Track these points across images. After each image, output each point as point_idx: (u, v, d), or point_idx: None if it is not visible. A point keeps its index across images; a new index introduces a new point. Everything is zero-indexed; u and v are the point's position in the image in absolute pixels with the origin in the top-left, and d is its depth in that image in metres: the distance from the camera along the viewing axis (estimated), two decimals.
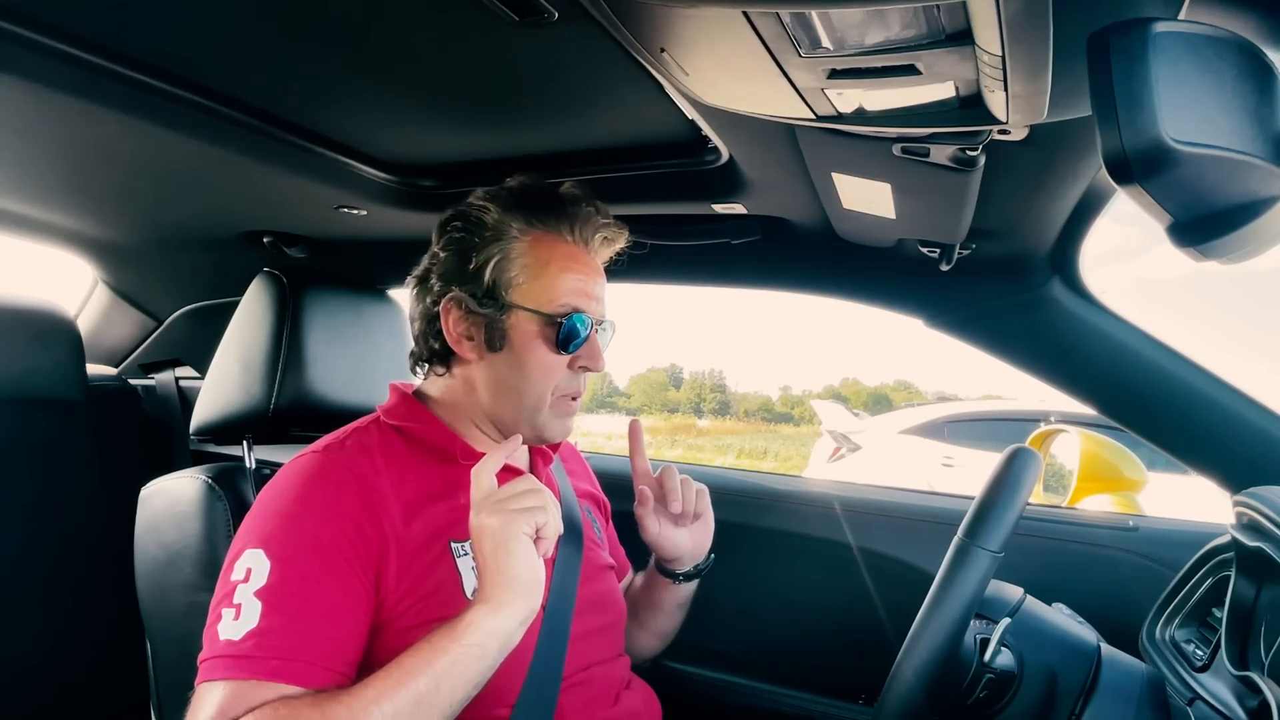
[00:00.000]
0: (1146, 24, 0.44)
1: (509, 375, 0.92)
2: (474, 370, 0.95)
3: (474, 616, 0.76)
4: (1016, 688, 0.88)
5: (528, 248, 0.92)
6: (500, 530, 0.78)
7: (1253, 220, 0.48)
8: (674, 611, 1.14)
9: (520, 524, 0.79)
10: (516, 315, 0.91)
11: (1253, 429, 1.13)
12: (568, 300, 0.91)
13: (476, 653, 0.75)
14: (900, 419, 6.27)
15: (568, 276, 0.91)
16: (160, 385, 1.71)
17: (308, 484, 0.84)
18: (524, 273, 0.91)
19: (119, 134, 1.00)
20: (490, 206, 0.93)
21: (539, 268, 0.91)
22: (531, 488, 0.82)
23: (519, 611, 0.78)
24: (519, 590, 0.77)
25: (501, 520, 0.79)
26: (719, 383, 69.43)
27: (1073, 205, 0.98)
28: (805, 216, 1.18)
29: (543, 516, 0.80)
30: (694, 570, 1.10)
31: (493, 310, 0.91)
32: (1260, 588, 0.86)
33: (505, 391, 0.93)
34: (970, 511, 0.86)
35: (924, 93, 0.65)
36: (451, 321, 0.93)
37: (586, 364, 0.94)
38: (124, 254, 1.68)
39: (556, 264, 0.92)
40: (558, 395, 0.94)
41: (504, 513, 0.79)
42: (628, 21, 0.62)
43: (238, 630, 0.76)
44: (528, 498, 0.81)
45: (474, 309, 0.91)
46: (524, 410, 0.93)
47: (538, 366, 0.91)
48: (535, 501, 0.81)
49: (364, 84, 0.90)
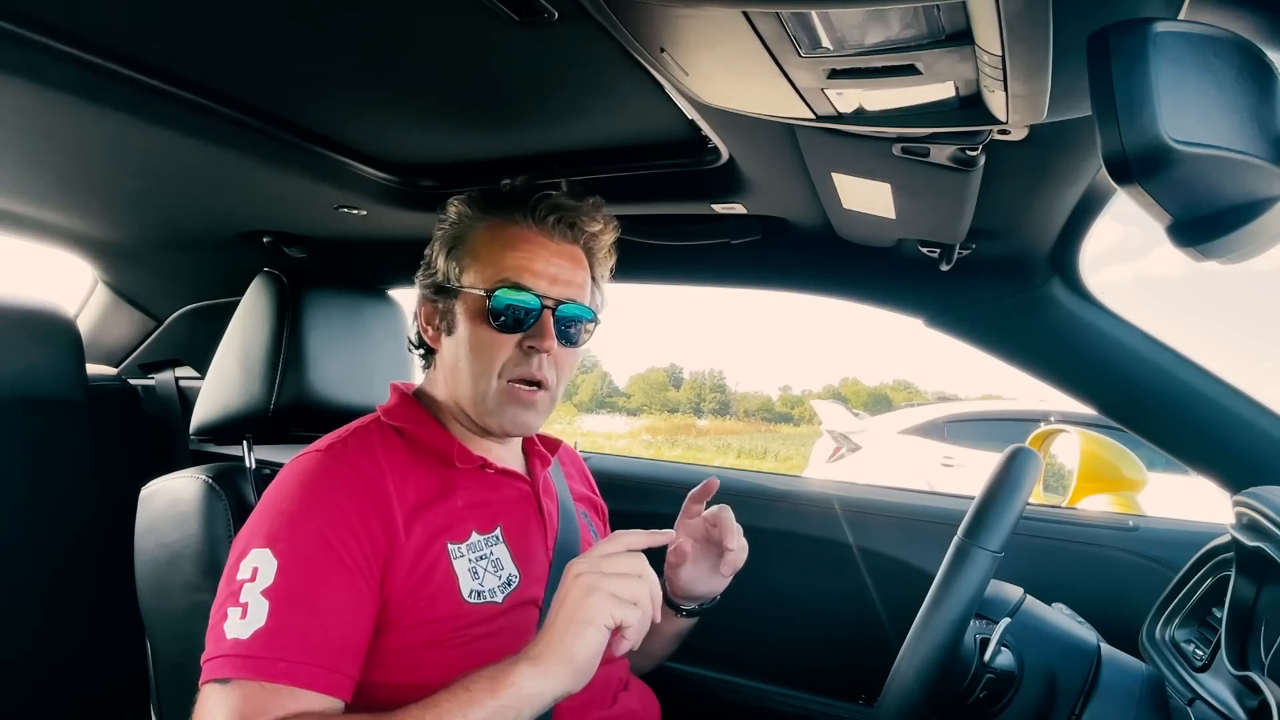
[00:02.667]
0: (1146, 24, 0.44)
1: (456, 356, 0.94)
2: (442, 358, 0.97)
3: (519, 677, 0.73)
4: (1016, 688, 0.88)
5: (478, 234, 0.95)
6: (583, 605, 0.74)
7: (1253, 220, 0.48)
8: (670, 639, 1.12)
9: (605, 611, 0.74)
10: (463, 296, 0.93)
11: (1253, 429, 1.13)
12: (507, 275, 0.91)
13: (511, 715, 0.72)
14: (900, 419, 6.27)
15: (510, 254, 0.92)
16: (160, 385, 1.71)
17: (313, 483, 0.84)
18: (469, 255, 0.94)
19: (119, 134, 1.00)
20: (456, 203, 0.97)
21: (483, 249, 0.93)
22: (636, 573, 0.76)
23: (560, 688, 0.73)
24: (571, 669, 0.73)
25: (592, 599, 0.74)
26: (719, 383, 69.45)
27: (1073, 205, 0.98)
28: (805, 216, 1.18)
29: (632, 615, 0.74)
30: (698, 608, 1.08)
31: (445, 296, 0.95)
32: (1260, 588, 0.86)
33: (456, 375, 0.95)
34: (970, 511, 0.86)
35: (924, 93, 0.65)
36: (423, 313, 0.98)
37: (534, 344, 0.90)
38: (124, 254, 1.68)
39: (499, 242, 0.93)
40: (505, 379, 0.92)
41: (598, 591, 0.74)
42: (627, 21, 0.62)
43: (245, 629, 0.75)
44: (628, 584, 0.75)
45: (432, 297, 0.96)
46: (473, 395, 0.93)
47: (478, 345, 0.92)
48: (633, 593, 0.75)
49: (364, 84, 0.90)
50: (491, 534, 0.92)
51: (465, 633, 0.85)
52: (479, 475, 0.95)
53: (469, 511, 0.91)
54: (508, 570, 0.91)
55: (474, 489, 0.94)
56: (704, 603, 1.08)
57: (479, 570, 0.88)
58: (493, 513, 0.94)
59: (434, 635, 0.84)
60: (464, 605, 0.86)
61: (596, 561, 0.77)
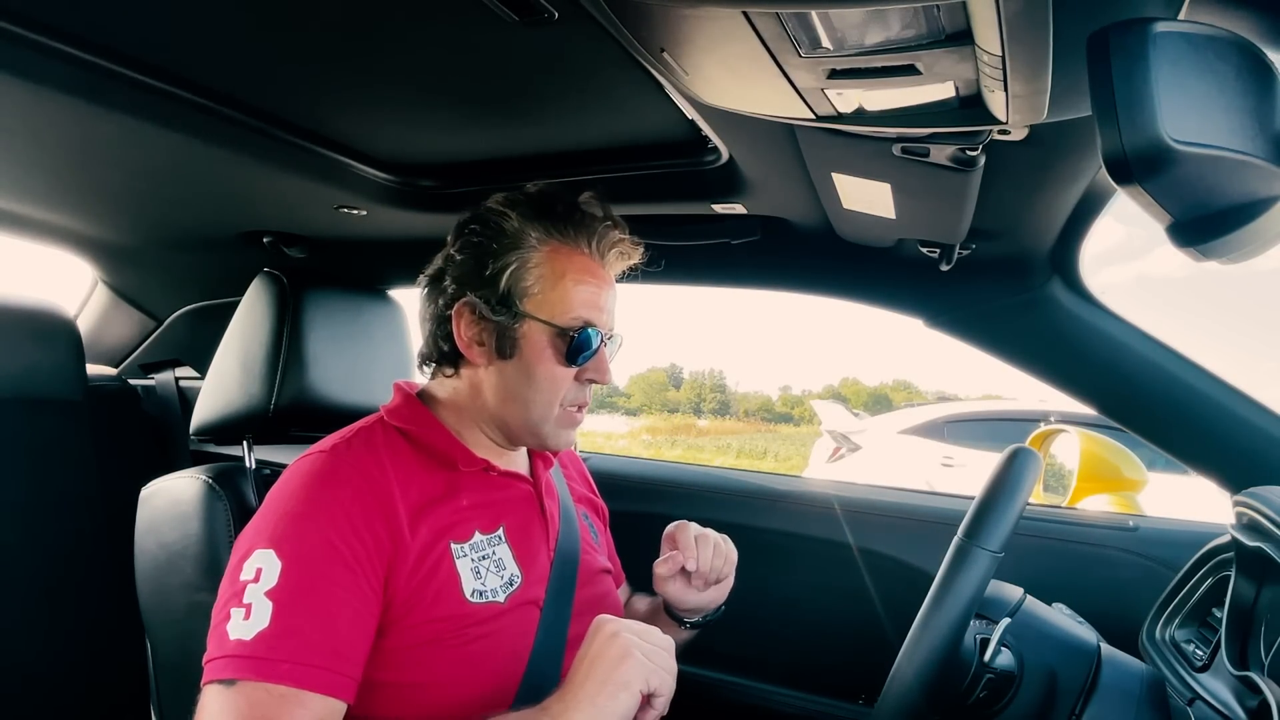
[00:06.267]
0: (1146, 24, 0.44)
1: (517, 383, 0.92)
2: (482, 375, 0.94)
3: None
4: (1016, 688, 0.88)
5: (545, 258, 0.91)
6: (621, 669, 0.73)
7: (1253, 220, 0.48)
8: None
9: (641, 677, 0.73)
10: (529, 325, 0.91)
11: (1253, 429, 1.13)
12: (580, 313, 0.91)
13: None
14: (900, 419, 6.27)
15: (582, 289, 0.91)
16: (160, 385, 1.71)
17: (317, 484, 0.84)
18: (539, 283, 0.91)
19: (119, 134, 1.00)
20: (510, 213, 0.92)
21: (554, 279, 0.91)
22: (669, 648, 0.78)
23: None
24: None
25: (632, 664, 0.73)
26: (719, 383, 69.46)
27: (1073, 205, 0.98)
28: (805, 216, 1.18)
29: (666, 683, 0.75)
30: (701, 620, 1.08)
31: (505, 318, 0.91)
32: (1260, 588, 0.86)
33: (512, 399, 0.93)
34: (970, 511, 0.86)
35: (924, 93, 0.65)
36: (463, 326, 0.93)
37: (594, 376, 0.94)
38: (124, 254, 1.68)
39: (572, 276, 0.91)
40: (564, 407, 0.94)
41: (636, 655, 0.74)
42: (628, 21, 0.62)
43: (249, 630, 0.75)
44: (664, 656, 0.76)
45: (487, 315, 0.91)
46: (530, 420, 0.93)
47: (546, 377, 0.91)
48: (667, 664, 0.76)
49: (364, 84, 0.90)
50: (494, 534, 0.92)
51: (467, 632, 0.85)
52: (482, 477, 0.95)
53: (472, 511, 0.91)
54: (510, 570, 0.91)
55: (477, 490, 0.94)
56: (707, 615, 1.08)
57: (481, 570, 0.88)
58: (496, 513, 0.94)
59: (436, 634, 0.84)
60: (466, 605, 0.86)
61: (630, 624, 0.77)
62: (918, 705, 0.83)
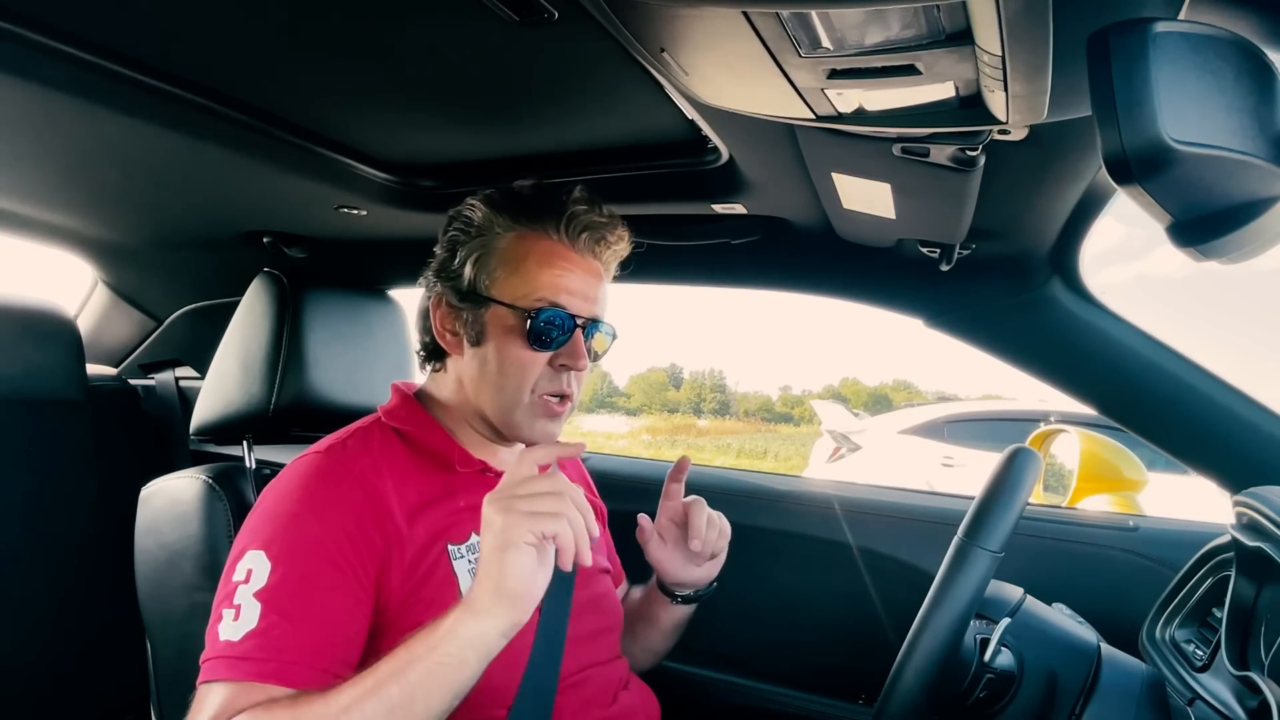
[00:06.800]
0: (1146, 24, 0.44)
1: (487, 370, 0.93)
2: (463, 366, 0.96)
3: (453, 623, 0.73)
4: (1016, 688, 0.88)
5: (509, 243, 0.92)
6: (501, 532, 0.73)
7: (1253, 220, 0.48)
8: (669, 631, 1.12)
9: (523, 529, 0.72)
10: (494, 310, 0.91)
11: (1253, 429, 1.13)
12: (544, 295, 0.90)
13: (453, 663, 0.71)
14: (900, 419, 6.27)
15: (546, 271, 0.91)
16: (160, 385, 1.71)
17: (311, 485, 0.84)
18: (501, 267, 0.92)
19: (119, 134, 1.00)
20: (479, 205, 0.94)
21: (517, 263, 0.91)
22: (550, 489, 0.75)
23: (500, 623, 0.73)
24: (504, 600, 0.72)
25: (505, 521, 0.73)
26: (719, 383, 69.43)
27: (1073, 205, 0.98)
28: (805, 216, 1.18)
29: (553, 525, 0.73)
30: (693, 594, 1.08)
31: (471, 304, 0.92)
32: (1260, 588, 0.86)
33: (486, 385, 0.93)
34: (970, 511, 0.86)
35: (924, 93, 0.65)
36: (439, 317, 0.95)
37: (567, 362, 0.92)
38: (124, 254, 1.68)
39: (535, 258, 0.91)
40: (538, 394, 0.92)
41: (512, 513, 0.73)
42: (628, 21, 0.62)
43: (236, 631, 0.76)
44: (542, 500, 0.74)
45: (454, 303, 0.93)
46: (501, 406, 0.93)
47: (514, 361, 0.91)
48: (549, 506, 0.74)
49: (364, 84, 0.90)
50: None
51: None
52: (479, 478, 0.95)
53: (469, 513, 0.91)
54: None
55: (474, 490, 0.93)
56: (699, 590, 1.08)
57: None
58: None
59: None
60: None
61: (506, 488, 0.77)
62: (918, 705, 0.83)
